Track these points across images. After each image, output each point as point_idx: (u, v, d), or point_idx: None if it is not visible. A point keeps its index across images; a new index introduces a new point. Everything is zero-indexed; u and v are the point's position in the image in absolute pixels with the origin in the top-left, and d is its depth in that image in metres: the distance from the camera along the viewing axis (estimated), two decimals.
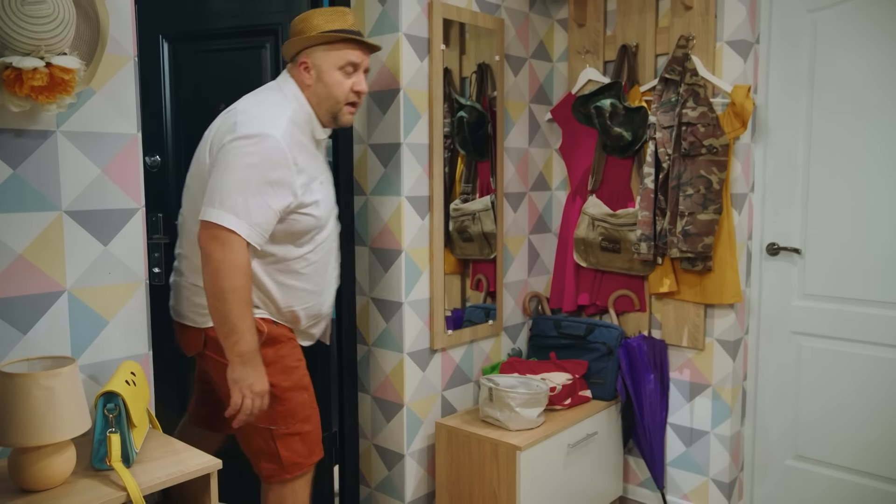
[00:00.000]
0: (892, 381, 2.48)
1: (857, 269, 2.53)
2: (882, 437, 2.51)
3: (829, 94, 2.55)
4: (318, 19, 1.89)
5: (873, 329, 2.51)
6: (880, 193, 2.46)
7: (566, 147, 3.06)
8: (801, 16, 2.57)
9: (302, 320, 1.95)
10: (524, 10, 2.91)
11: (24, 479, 1.41)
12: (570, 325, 2.95)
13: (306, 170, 1.82)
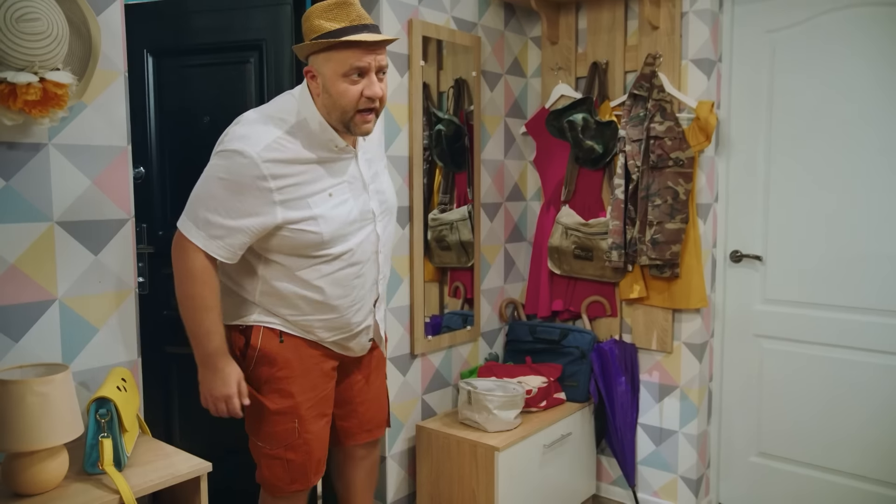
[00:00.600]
0: (848, 381, 2.54)
1: (814, 275, 2.59)
2: (839, 434, 2.57)
3: (787, 109, 2.60)
4: (318, 19, 1.63)
5: (830, 332, 2.56)
6: (836, 203, 2.53)
7: (540, 159, 3.07)
8: (759, 36, 2.64)
9: (320, 332, 1.79)
10: (500, 29, 2.93)
11: (19, 483, 1.40)
12: (544, 331, 2.95)
13: (302, 184, 1.66)
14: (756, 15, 2.65)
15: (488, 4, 2.86)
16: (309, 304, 1.75)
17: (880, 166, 2.43)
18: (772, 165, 2.67)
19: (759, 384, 2.74)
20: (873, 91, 2.42)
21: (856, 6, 2.43)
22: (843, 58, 2.48)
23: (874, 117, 2.43)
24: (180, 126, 2.46)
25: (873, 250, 2.46)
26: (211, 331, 1.68)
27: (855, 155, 2.47)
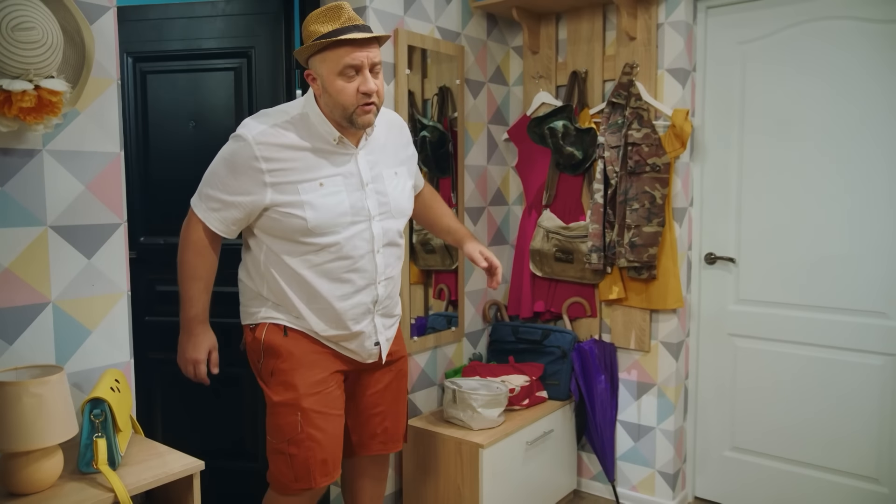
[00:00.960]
0: (817, 377, 2.59)
1: (784, 276, 2.64)
2: (809, 429, 2.62)
3: (758, 116, 2.66)
4: (313, 25, 1.72)
5: (800, 330, 2.62)
6: (805, 207, 2.58)
7: (522, 165, 3.10)
8: (731, 47, 2.70)
9: (314, 323, 1.82)
10: (482, 38, 2.96)
11: (14, 483, 1.40)
12: (526, 331, 2.97)
13: (294, 170, 1.74)
14: (728, 27, 2.70)
15: (471, 15, 2.89)
16: (300, 290, 1.80)
17: (846, 171, 2.49)
18: (744, 171, 2.72)
19: (732, 381, 2.79)
20: (838, 99, 2.49)
21: (818, 20, 2.50)
22: (808, 67, 2.54)
23: (839, 124, 2.49)
24: (162, 131, 2.45)
25: (840, 252, 2.52)
26: (194, 298, 1.82)
27: (822, 160, 2.53)
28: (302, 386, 1.80)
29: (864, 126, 2.44)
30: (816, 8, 2.50)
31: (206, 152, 1.89)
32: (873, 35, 2.40)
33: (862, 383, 2.50)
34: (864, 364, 2.49)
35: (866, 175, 2.45)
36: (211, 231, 1.79)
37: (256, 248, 1.84)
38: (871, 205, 2.44)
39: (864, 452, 2.51)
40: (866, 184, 2.45)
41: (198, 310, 1.83)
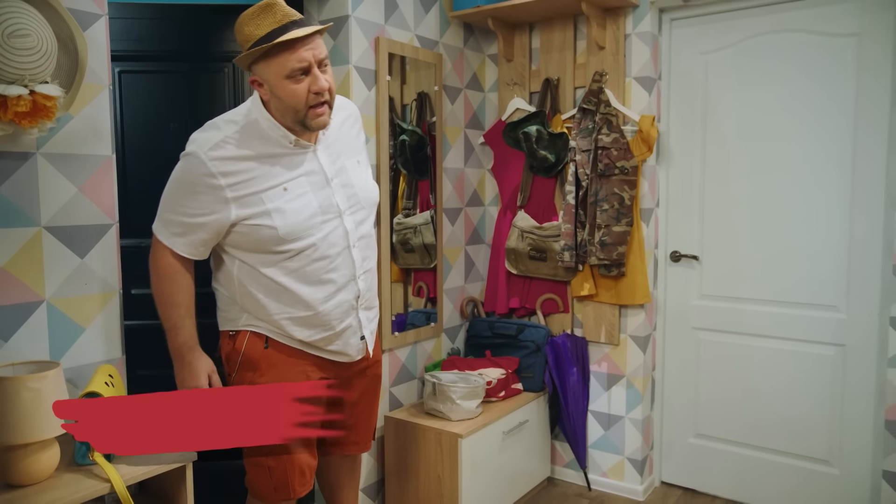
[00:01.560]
0: (775, 367, 2.67)
1: (744, 272, 2.72)
2: (767, 415, 2.70)
3: (720, 122, 2.73)
4: (248, 27, 1.57)
5: (759, 323, 2.69)
6: (763, 208, 2.66)
7: (497, 167, 3.12)
8: (694, 57, 2.76)
9: (297, 331, 1.71)
10: (459, 46, 2.99)
11: (13, 474, 1.40)
12: (502, 326, 2.99)
13: (253, 179, 1.62)
14: (691, 38, 2.77)
15: (449, 24, 2.91)
16: (279, 300, 1.69)
17: (801, 174, 2.57)
18: (706, 173, 2.78)
19: (696, 372, 2.85)
20: (792, 106, 2.57)
21: (773, 33, 2.58)
22: (765, 77, 2.61)
23: (794, 130, 2.57)
24: (144, 133, 2.43)
25: (795, 250, 2.60)
26: (177, 325, 1.68)
27: (779, 164, 2.61)
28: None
29: (816, 132, 2.52)
30: (771, 22, 2.58)
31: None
32: (823, 47, 2.49)
33: (814, 372, 2.58)
34: (817, 354, 2.57)
35: (819, 179, 2.53)
36: (180, 255, 1.65)
37: (229, 262, 1.71)
38: (822, 207, 2.53)
39: (817, 436, 2.59)
40: (818, 187, 2.53)
41: (185, 336, 1.68)
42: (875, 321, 2.44)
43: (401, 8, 2.63)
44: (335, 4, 2.42)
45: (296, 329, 1.71)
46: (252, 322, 1.73)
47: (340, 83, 2.44)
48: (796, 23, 2.54)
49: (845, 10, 2.44)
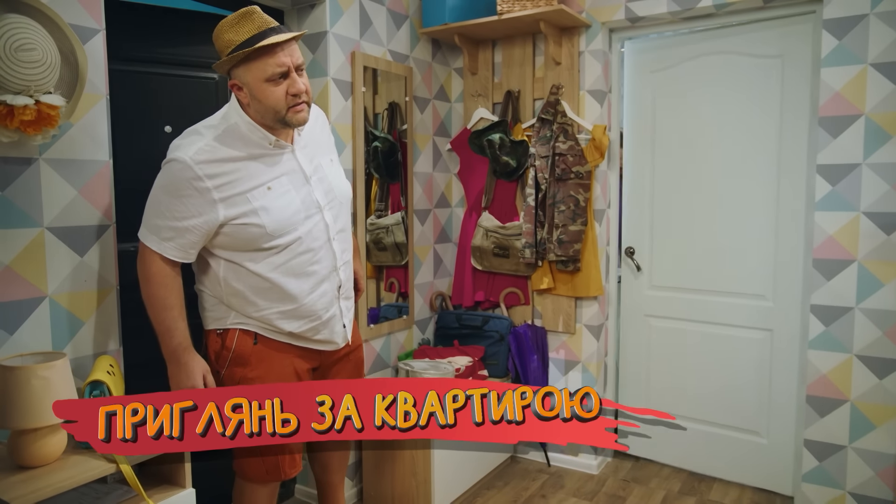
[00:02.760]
0: (714, 349, 2.82)
1: (687, 266, 2.86)
2: (714, 392, 2.84)
3: (666, 132, 2.86)
4: (227, 34, 1.58)
5: (702, 310, 2.84)
6: (703, 208, 2.81)
7: (463, 172, 3.18)
8: (643, 75, 2.89)
9: (285, 324, 1.72)
10: (428, 60, 3.05)
11: (24, 457, 1.43)
12: (469, 318, 3.06)
13: (238, 180, 1.62)
14: (638, 56, 2.91)
15: (418, 39, 2.97)
16: (266, 297, 1.69)
17: (735, 177, 2.73)
18: (654, 177, 2.92)
19: (648, 355, 2.99)
20: (728, 118, 2.72)
21: (710, 54, 2.73)
22: (704, 92, 2.76)
23: (730, 138, 2.72)
24: (134, 139, 2.42)
25: (731, 245, 2.76)
26: (171, 328, 1.64)
27: (717, 169, 2.76)
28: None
29: (749, 141, 2.68)
30: (708, 45, 2.73)
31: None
32: (754, 67, 2.65)
33: (747, 354, 2.74)
34: (749, 338, 2.74)
35: (750, 183, 2.69)
36: (169, 260, 1.63)
37: (214, 264, 1.70)
38: (754, 208, 2.69)
39: (749, 410, 2.76)
40: (751, 190, 2.69)
41: (179, 338, 1.65)
42: (798, 309, 2.61)
43: (374, 24, 2.70)
44: (315, 20, 2.47)
45: (284, 322, 1.72)
46: (240, 320, 1.72)
47: (319, 94, 2.48)
48: (730, 46, 2.69)
49: (771, 35, 2.60)
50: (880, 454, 2.35)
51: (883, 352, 2.32)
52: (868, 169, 2.30)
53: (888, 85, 2.24)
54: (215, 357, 1.75)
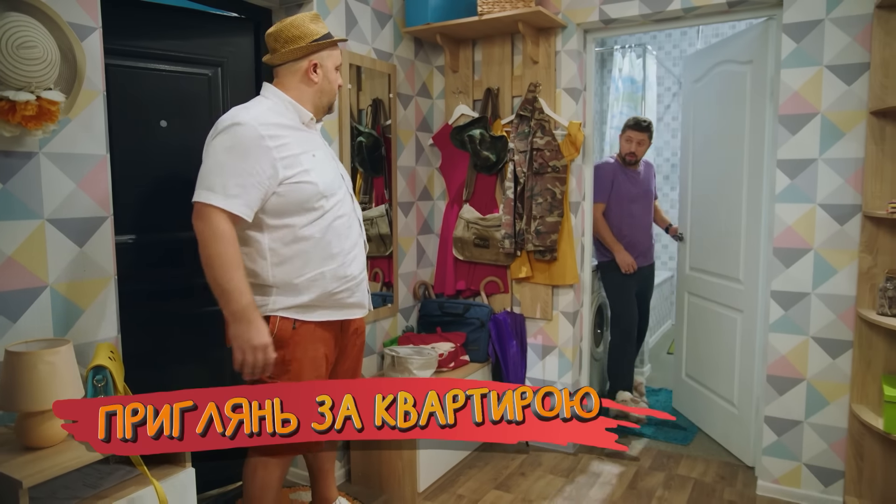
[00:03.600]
0: (705, 320, 2.94)
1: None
2: (701, 357, 2.97)
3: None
4: (310, 26, 1.81)
5: (713, 291, 2.95)
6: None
7: (445, 166, 3.22)
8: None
9: (329, 283, 1.79)
10: (411, 58, 3.08)
11: (31, 438, 1.46)
12: (450, 306, 3.11)
13: (290, 144, 1.73)
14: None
15: (402, 38, 3.01)
16: (316, 257, 1.77)
17: (713, 172, 2.83)
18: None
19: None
20: (702, 115, 2.82)
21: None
22: (696, 99, 2.86)
23: (706, 136, 2.83)
24: (137, 130, 2.43)
25: (714, 230, 2.86)
26: (240, 287, 1.64)
27: (696, 162, 2.86)
28: (307, 372, 1.81)
29: (722, 139, 2.79)
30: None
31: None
32: (728, 71, 2.74)
33: (726, 331, 2.88)
34: (726, 317, 2.87)
35: (721, 177, 2.80)
36: (231, 220, 1.65)
37: (260, 239, 1.74)
38: (727, 196, 2.80)
39: (724, 381, 2.90)
40: (724, 180, 2.80)
41: (248, 297, 1.66)
42: (761, 294, 2.73)
43: (360, 24, 2.73)
44: None
45: (328, 282, 1.80)
46: (279, 305, 1.77)
47: None
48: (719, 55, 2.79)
49: (746, 40, 2.69)
50: (833, 428, 2.47)
51: (836, 334, 2.43)
52: (823, 164, 2.41)
53: (841, 85, 2.35)
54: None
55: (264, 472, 1.86)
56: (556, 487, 2.69)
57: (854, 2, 2.30)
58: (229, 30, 2.47)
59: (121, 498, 1.51)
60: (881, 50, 2.23)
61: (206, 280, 1.65)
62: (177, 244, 2.34)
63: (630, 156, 3.29)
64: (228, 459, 2.41)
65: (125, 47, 2.18)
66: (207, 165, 1.66)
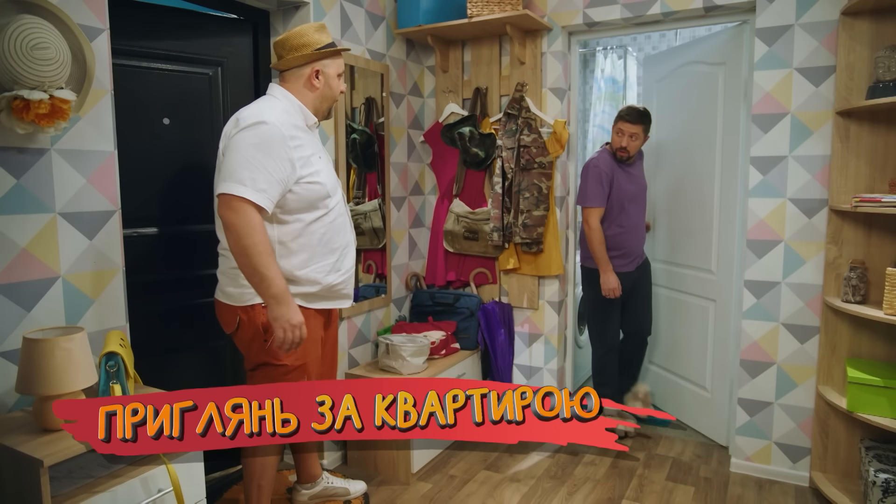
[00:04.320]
0: (678, 312, 3.02)
1: (657, 240, 3.03)
2: (675, 347, 3.05)
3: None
4: (316, 35, 1.89)
5: (685, 283, 3.01)
6: (666, 192, 2.98)
7: (436, 162, 3.26)
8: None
9: (328, 276, 1.90)
10: (402, 59, 3.12)
11: (48, 421, 1.49)
12: (441, 296, 3.16)
13: (305, 146, 1.81)
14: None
15: (394, 39, 3.04)
16: (319, 250, 1.87)
17: (689, 168, 2.90)
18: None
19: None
20: (680, 114, 2.89)
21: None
22: (661, 91, 2.92)
23: (684, 134, 2.90)
24: (142, 126, 2.45)
25: (688, 224, 2.94)
26: (277, 272, 1.71)
27: (672, 160, 2.93)
28: (310, 353, 1.93)
29: (698, 137, 2.86)
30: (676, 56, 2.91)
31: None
32: (702, 73, 2.82)
33: (696, 321, 2.95)
34: (699, 307, 2.94)
35: (698, 173, 2.87)
36: (261, 211, 1.71)
37: (270, 231, 1.79)
38: (700, 191, 2.88)
39: (697, 368, 2.97)
40: (698, 177, 2.88)
41: (284, 281, 1.73)
42: (735, 283, 2.82)
43: (354, 25, 2.77)
44: (299, 21, 2.53)
45: (328, 276, 1.91)
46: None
47: None
48: (691, 56, 2.86)
49: (717, 43, 2.77)
50: (801, 408, 2.57)
51: (804, 320, 2.53)
52: (793, 161, 2.50)
53: (810, 87, 2.44)
54: (264, 327, 1.84)
55: (263, 453, 1.95)
56: (543, 467, 2.77)
57: (821, 8, 2.38)
58: (229, 31, 2.50)
59: (134, 477, 1.55)
60: (846, 54, 2.32)
61: (242, 268, 1.71)
62: (179, 237, 2.38)
63: (621, 151, 2.78)
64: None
65: (129, 47, 2.21)
66: (236, 160, 1.70)
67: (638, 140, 2.78)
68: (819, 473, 2.51)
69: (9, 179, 1.62)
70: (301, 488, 2.33)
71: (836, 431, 2.47)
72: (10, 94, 1.52)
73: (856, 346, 2.42)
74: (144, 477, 1.57)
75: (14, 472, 1.43)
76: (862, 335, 2.40)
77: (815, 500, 2.47)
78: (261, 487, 1.99)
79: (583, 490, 2.55)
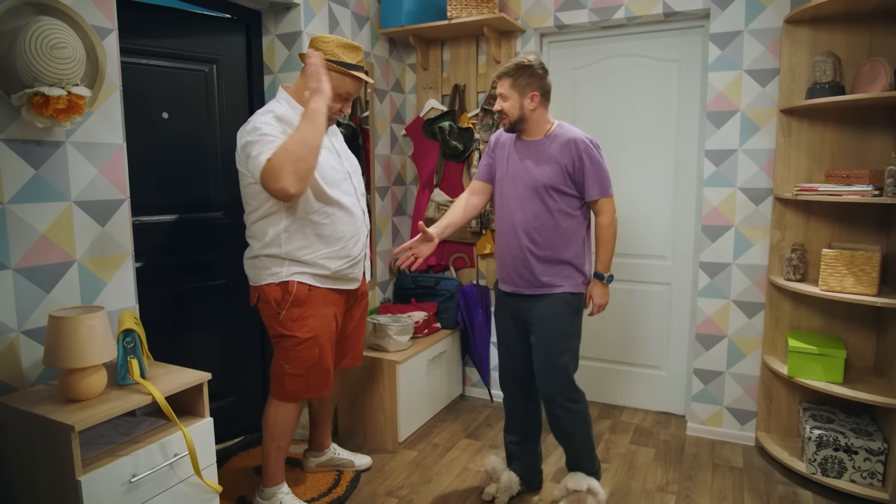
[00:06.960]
0: (629, 302, 3.17)
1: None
2: (627, 338, 3.22)
3: (587, 121, 3.13)
4: (336, 48, 1.96)
5: (637, 272, 3.13)
6: (619, 185, 3.11)
7: (417, 154, 3.34)
8: (566, 71, 3.16)
9: (331, 262, 2.00)
10: (385, 56, 3.20)
11: (74, 391, 1.58)
12: (423, 280, 3.25)
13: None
14: (564, 57, 3.17)
15: (378, 39, 3.12)
16: (318, 240, 1.97)
17: (643, 160, 3.06)
18: None
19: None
20: (636, 109, 3.04)
21: (622, 56, 3.02)
22: (617, 87, 3.05)
23: (639, 127, 3.05)
24: (144, 120, 2.50)
25: (639, 215, 3.10)
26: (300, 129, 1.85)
27: (628, 152, 3.08)
28: (321, 327, 2.03)
29: (653, 130, 3.02)
30: (620, 48, 3.03)
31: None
32: (656, 69, 2.98)
33: (653, 305, 3.12)
34: (655, 292, 3.11)
35: (655, 164, 3.03)
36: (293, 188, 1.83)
37: (278, 221, 1.95)
38: (657, 182, 3.04)
39: (652, 350, 3.14)
40: (655, 170, 3.04)
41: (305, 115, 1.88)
42: (690, 265, 3.01)
43: (341, 25, 2.85)
44: (290, 21, 2.60)
45: (332, 262, 2.01)
46: (295, 269, 1.98)
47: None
48: (638, 50, 2.99)
49: (669, 42, 2.93)
50: (748, 376, 2.78)
51: (751, 297, 2.73)
52: (743, 154, 2.68)
53: (757, 87, 2.62)
54: (276, 302, 1.99)
55: (285, 412, 2.07)
56: None
57: (767, 16, 2.56)
58: (223, 30, 2.56)
59: (153, 442, 1.64)
60: (788, 58, 2.51)
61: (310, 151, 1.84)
62: (178, 224, 2.45)
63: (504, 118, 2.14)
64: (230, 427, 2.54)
65: (130, 45, 2.26)
66: (253, 140, 1.88)
67: (509, 100, 2.10)
68: (763, 433, 2.73)
69: (28, 170, 1.68)
70: (310, 455, 2.46)
71: (779, 396, 2.69)
72: (32, 90, 1.58)
73: (796, 320, 2.63)
74: (162, 442, 1.66)
75: (45, 438, 1.51)
76: (801, 310, 2.61)
77: (760, 456, 2.68)
78: (280, 448, 2.11)
79: (555, 454, 2.72)
